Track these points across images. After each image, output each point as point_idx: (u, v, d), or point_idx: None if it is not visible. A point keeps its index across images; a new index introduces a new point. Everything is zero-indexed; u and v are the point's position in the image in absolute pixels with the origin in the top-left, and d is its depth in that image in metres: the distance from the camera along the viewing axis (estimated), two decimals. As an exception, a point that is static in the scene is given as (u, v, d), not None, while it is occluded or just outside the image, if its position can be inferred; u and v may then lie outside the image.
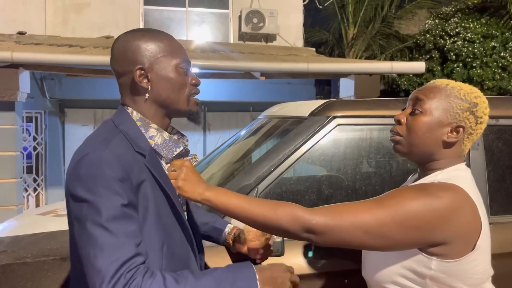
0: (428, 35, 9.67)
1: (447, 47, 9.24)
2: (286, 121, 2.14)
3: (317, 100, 2.56)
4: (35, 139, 6.53)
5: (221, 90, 6.68)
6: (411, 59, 9.89)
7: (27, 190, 6.36)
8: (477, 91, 1.11)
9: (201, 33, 7.14)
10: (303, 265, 1.64)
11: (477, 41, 9.00)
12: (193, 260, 1.09)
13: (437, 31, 9.55)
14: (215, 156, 2.54)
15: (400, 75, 9.23)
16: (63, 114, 6.83)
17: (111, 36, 6.45)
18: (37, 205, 6.54)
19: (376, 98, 2.91)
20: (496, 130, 1.90)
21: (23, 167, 5.82)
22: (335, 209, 1.03)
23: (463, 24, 9.24)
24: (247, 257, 1.36)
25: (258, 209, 1.02)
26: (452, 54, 9.18)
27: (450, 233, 1.00)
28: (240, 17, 7.00)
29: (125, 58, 1.03)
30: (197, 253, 1.12)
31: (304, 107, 2.00)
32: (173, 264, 0.99)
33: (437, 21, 9.88)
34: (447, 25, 9.47)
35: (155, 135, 1.04)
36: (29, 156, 6.45)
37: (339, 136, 1.88)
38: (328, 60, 6.68)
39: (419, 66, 5.84)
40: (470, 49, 8.95)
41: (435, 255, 1.02)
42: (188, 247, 1.08)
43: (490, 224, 1.10)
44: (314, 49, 7.33)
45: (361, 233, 1.00)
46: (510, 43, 8.96)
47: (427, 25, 10.09)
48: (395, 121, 1.16)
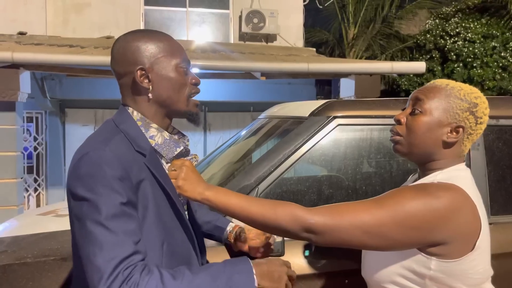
0: (428, 35, 9.67)
1: (447, 47, 9.24)
2: (286, 121, 2.14)
3: (317, 100, 2.56)
4: (35, 139, 6.53)
5: (221, 90, 6.68)
6: (412, 59, 9.89)
7: (27, 190, 6.36)
8: (477, 91, 1.11)
9: (201, 33, 7.14)
10: (303, 265, 1.64)
11: (478, 41, 8.99)
12: (195, 258, 1.10)
13: (438, 31, 9.55)
14: (215, 156, 2.54)
15: (400, 75, 9.23)
16: (64, 114, 6.83)
17: (112, 36, 6.45)
18: (38, 205, 6.54)
19: (376, 98, 2.90)
20: (496, 130, 1.90)
21: (24, 167, 5.83)
22: (334, 209, 1.03)
23: (464, 24, 9.24)
24: (247, 256, 1.36)
25: (257, 208, 1.02)
26: (452, 54, 9.18)
27: (449, 233, 1.00)
28: (240, 17, 7.00)
29: (125, 59, 1.03)
30: (199, 252, 1.12)
31: (304, 107, 2.00)
32: (174, 262, 1.00)
33: (437, 21, 9.88)
34: (447, 25, 9.47)
35: (156, 135, 1.05)
36: (29, 156, 6.45)
37: (340, 136, 1.88)
38: (328, 60, 6.68)
39: (419, 66, 5.84)
40: (470, 49, 8.95)
41: (435, 255, 1.02)
42: (189, 245, 1.08)
43: (490, 224, 1.10)
44: (314, 49, 7.33)
45: (360, 233, 1.00)
46: (510, 43, 8.95)
47: (427, 25, 10.09)
48: (395, 121, 1.16)
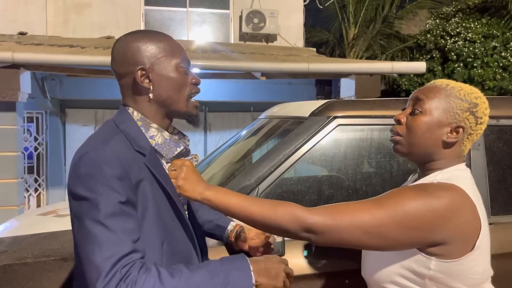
0: (429, 35, 9.67)
1: (448, 47, 9.23)
2: (286, 121, 2.14)
3: (317, 100, 2.56)
4: (36, 139, 6.54)
5: (221, 90, 6.68)
6: (412, 59, 9.89)
7: (28, 190, 6.37)
8: (477, 91, 1.11)
9: (201, 34, 7.14)
10: (303, 265, 1.64)
11: (478, 41, 8.99)
12: (195, 258, 1.10)
13: (438, 31, 9.54)
14: (215, 156, 2.54)
15: (401, 75, 9.23)
16: (64, 114, 6.84)
17: (112, 36, 6.45)
18: (38, 205, 6.55)
19: (376, 98, 2.90)
20: (497, 130, 1.90)
21: (24, 167, 5.83)
22: (334, 208, 1.03)
23: (464, 24, 9.24)
24: (247, 255, 1.36)
25: (257, 208, 1.02)
26: (453, 54, 9.17)
27: (449, 233, 1.00)
28: (240, 17, 7.00)
29: (125, 59, 1.04)
30: (199, 251, 1.12)
31: (304, 107, 2.00)
32: (174, 261, 1.00)
33: (437, 21, 9.87)
34: (448, 25, 9.47)
35: (156, 135, 1.05)
36: (30, 156, 6.45)
37: (340, 136, 1.88)
38: (328, 60, 6.68)
39: (419, 66, 5.84)
40: (471, 49, 8.94)
41: (434, 255, 1.02)
42: (189, 245, 1.08)
43: (490, 224, 1.10)
44: (314, 49, 7.33)
45: (360, 232, 1.00)
46: (511, 43, 8.95)
47: (428, 25, 10.08)
48: (395, 121, 1.16)
